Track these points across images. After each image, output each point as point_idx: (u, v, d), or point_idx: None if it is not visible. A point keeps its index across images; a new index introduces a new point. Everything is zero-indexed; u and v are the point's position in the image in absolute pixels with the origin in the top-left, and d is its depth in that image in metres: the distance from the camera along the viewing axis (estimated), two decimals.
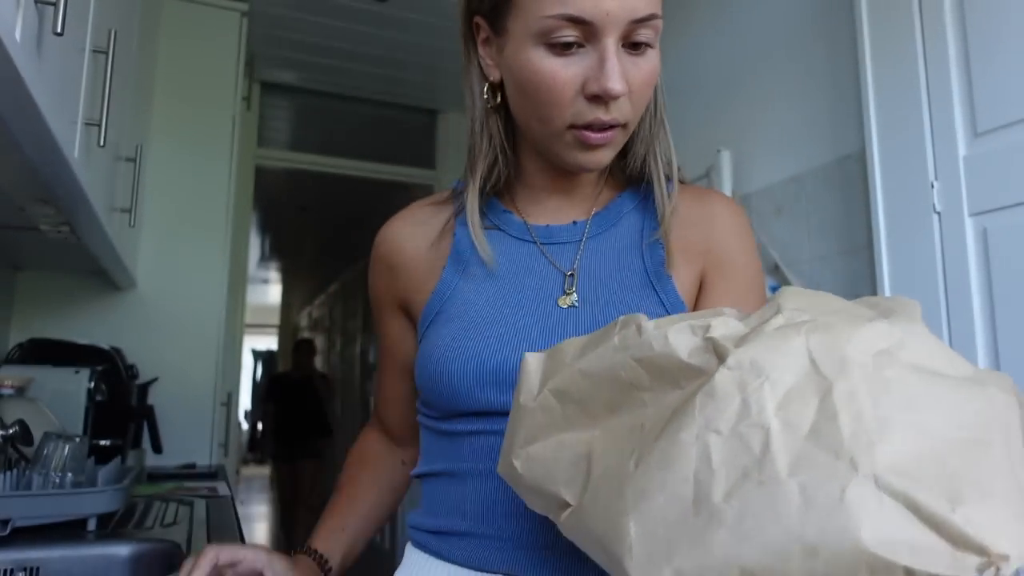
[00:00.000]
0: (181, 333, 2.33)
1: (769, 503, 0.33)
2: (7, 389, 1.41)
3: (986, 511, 0.31)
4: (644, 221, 0.72)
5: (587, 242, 0.71)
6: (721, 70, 1.99)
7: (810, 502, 0.32)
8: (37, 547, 1.09)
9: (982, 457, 0.33)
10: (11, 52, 0.67)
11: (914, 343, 0.38)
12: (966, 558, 0.30)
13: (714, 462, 0.35)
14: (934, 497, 0.31)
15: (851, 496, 0.32)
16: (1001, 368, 1.18)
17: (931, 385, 0.35)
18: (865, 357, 0.36)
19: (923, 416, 0.34)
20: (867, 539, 0.31)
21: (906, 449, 0.33)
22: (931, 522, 0.31)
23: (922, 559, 0.31)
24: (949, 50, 1.31)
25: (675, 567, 0.34)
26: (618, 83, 0.60)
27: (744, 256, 0.72)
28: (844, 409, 0.34)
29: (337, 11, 2.71)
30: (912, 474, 0.32)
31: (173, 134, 2.40)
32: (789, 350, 0.36)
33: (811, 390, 0.35)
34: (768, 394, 0.35)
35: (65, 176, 1.06)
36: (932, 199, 1.31)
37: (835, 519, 0.32)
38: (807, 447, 0.33)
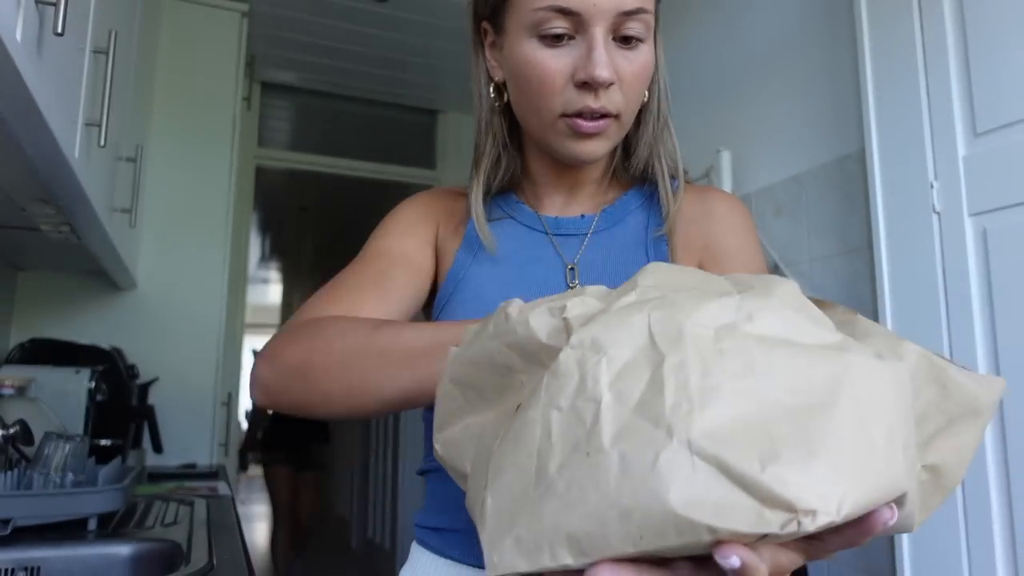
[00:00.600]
0: (181, 333, 2.33)
1: (592, 472, 0.34)
2: (8, 389, 1.41)
3: (803, 470, 0.31)
4: (649, 219, 0.74)
5: (593, 236, 0.73)
6: (721, 70, 2.00)
7: (627, 469, 0.33)
8: (38, 547, 1.09)
9: (816, 419, 0.33)
10: (12, 52, 0.67)
11: (766, 316, 0.38)
12: (772, 514, 0.31)
13: (553, 436, 0.36)
14: (746, 458, 0.32)
15: (663, 461, 0.32)
16: (1001, 368, 1.18)
17: (772, 353, 0.35)
18: (705, 331, 0.36)
19: (756, 382, 0.34)
20: (674, 500, 0.32)
21: (728, 414, 0.33)
22: (740, 482, 0.31)
23: (726, 518, 0.31)
24: (949, 50, 1.31)
25: (515, 536, 0.36)
26: (605, 70, 0.62)
27: (743, 251, 0.72)
28: (671, 380, 0.35)
29: (337, 11, 2.72)
30: (728, 439, 0.33)
31: (173, 134, 2.40)
32: (630, 326, 0.37)
33: (645, 364, 0.36)
34: (604, 369, 0.36)
35: (65, 176, 1.06)
36: (932, 199, 1.31)
37: (647, 483, 0.32)
38: (632, 418, 0.34)
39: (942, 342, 1.26)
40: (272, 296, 9.40)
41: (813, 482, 0.31)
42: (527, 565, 0.36)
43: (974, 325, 1.22)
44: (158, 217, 2.34)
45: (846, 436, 0.33)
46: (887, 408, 0.35)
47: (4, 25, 0.64)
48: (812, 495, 0.31)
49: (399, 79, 3.29)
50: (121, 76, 1.40)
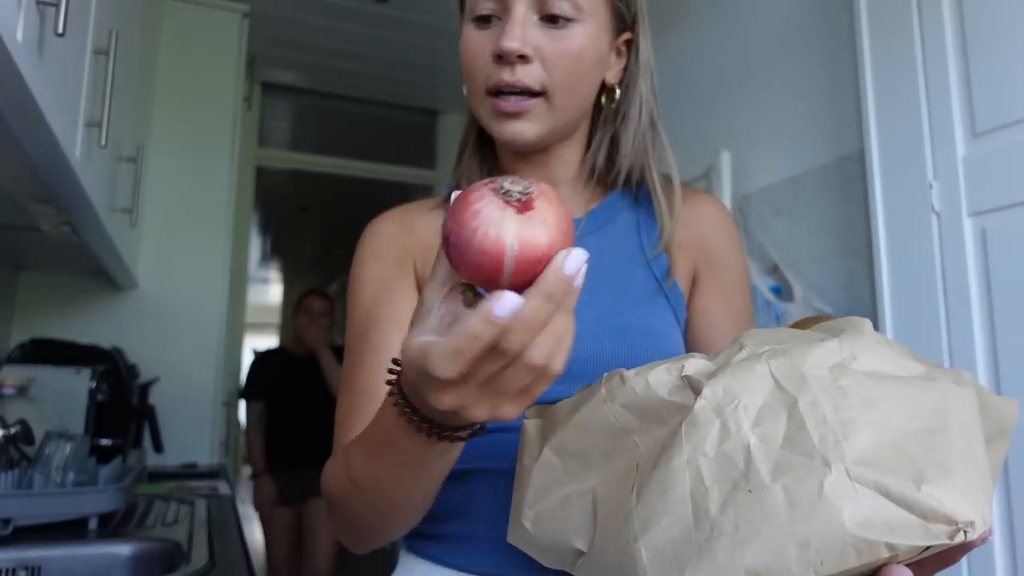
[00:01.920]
0: (182, 333, 2.34)
1: (759, 508, 0.37)
2: (9, 389, 1.41)
3: (947, 487, 0.35)
4: (639, 220, 0.74)
5: (583, 237, 0.72)
6: (721, 70, 2.00)
7: (794, 500, 0.36)
8: (39, 546, 1.09)
9: (939, 441, 0.37)
10: (13, 53, 0.67)
11: (865, 354, 0.42)
12: (937, 528, 0.34)
13: (706, 480, 0.39)
14: (901, 480, 0.35)
15: (828, 489, 0.36)
16: (1000, 368, 1.18)
17: (885, 386, 0.40)
18: (822, 372, 0.40)
19: (881, 413, 0.38)
20: (849, 523, 0.35)
21: (870, 443, 0.37)
22: (902, 502, 0.35)
23: (899, 534, 0.34)
24: (948, 50, 1.31)
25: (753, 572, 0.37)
26: (514, 42, 0.62)
27: (732, 255, 0.74)
28: (810, 417, 0.38)
29: (337, 12, 2.72)
30: (878, 463, 0.36)
31: (174, 134, 2.40)
32: (755, 375, 0.41)
33: (779, 406, 0.39)
34: (743, 415, 0.40)
35: (66, 176, 1.07)
36: (931, 199, 1.31)
37: (818, 511, 0.35)
38: (784, 454, 0.38)
39: (941, 342, 1.27)
40: (272, 296, 9.40)
41: (959, 498, 0.35)
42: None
43: (973, 325, 1.23)
44: (159, 217, 2.34)
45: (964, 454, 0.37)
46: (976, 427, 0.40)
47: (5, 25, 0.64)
48: (967, 508, 0.35)
49: (399, 79, 3.29)
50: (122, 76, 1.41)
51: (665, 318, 0.70)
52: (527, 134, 0.66)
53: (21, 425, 1.29)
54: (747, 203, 1.82)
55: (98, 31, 1.13)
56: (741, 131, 1.89)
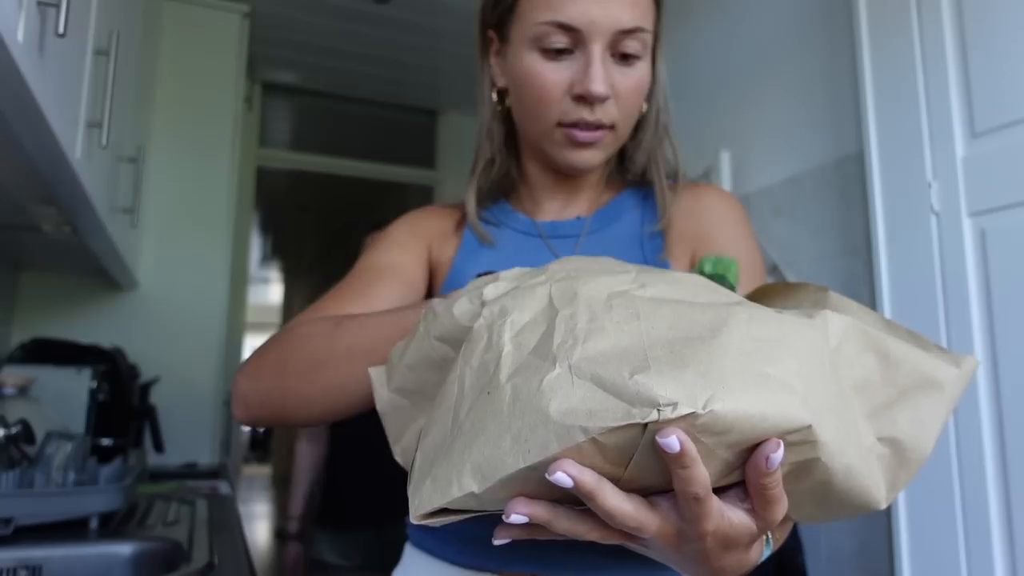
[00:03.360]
0: (183, 333, 2.34)
1: (490, 406, 0.39)
2: (10, 389, 1.41)
3: (670, 376, 0.35)
4: (644, 216, 0.76)
5: (587, 235, 0.74)
6: (720, 71, 2.00)
7: (517, 396, 0.38)
8: (39, 546, 1.10)
9: (694, 346, 0.36)
10: (13, 53, 0.67)
11: (659, 285, 0.42)
12: (638, 411, 0.34)
13: (466, 389, 0.41)
14: (618, 372, 0.35)
15: (546, 383, 0.37)
16: (999, 368, 1.18)
17: (661, 306, 0.39)
18: (598, 294, 0.41)
19: (641, 324, 0.38)
20: (553, 412, 0.36)
21: (609, 344, 0.37)
22: (612, 390, 0.35)
23: (597, 418, 0.35)
24: (947, 51, 1.31)
25: (432, 476, 0.40)
26: (600, 85, 0.64)
27: (735, 243, 0.73)
28: (561, 326, 0.39)
29: (338, 12, 2.72)
30: (605, 360, 0.36)
31: (175, 135, 2.40)
32: (534, 296, 0.43)
33: (542, 320, 0.41)
34: (507, 327, 0.41)
35: (67, 177, 1.07)
36: (930, 200, 1.32)
37: (531, 403, 0.37)
38: (527, 359, 0.39)
39: (940, 342, 1.27)
40: (273, 296, 9.41)
41: (679, 385, 0.34)
42: (440, 499, 0.39)
43: (972, 325, 1.23)
44: (159, 217, 2.34)
45: (724, 357, 0.36)
46: (784, 349, 0.37)
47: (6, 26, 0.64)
48: (677, 393, 0.34)
49: (399, 79, 3.30)
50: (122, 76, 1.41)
51: None
52: (594, 162, 0.70)
53: (22, 425, 1.29)
54: (747, 203, 1.82)
55: (98, 31, 1.13)
56: (741, 131, 1.89)
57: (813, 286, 0.49)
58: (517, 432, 0.37)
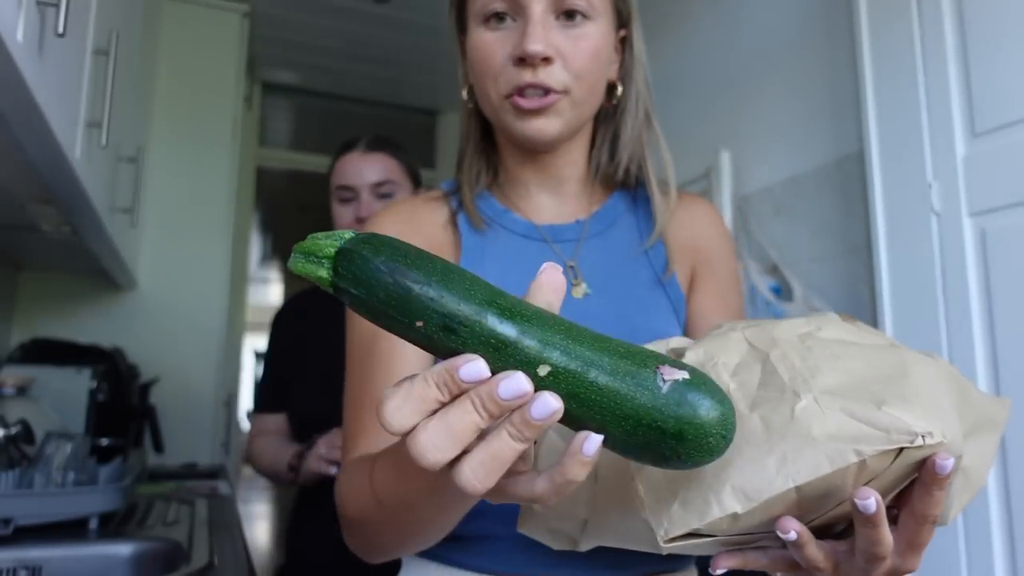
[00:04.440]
0: (182, 333, 2.34)
1: (740, 434, 0.41)
2: (9, 389, 1.41)
3: (906, 409, 0.39)
4: (639, 222, 0.76)
5: (588, 238, 0.73)
6: (720, 70, 2.00)
7: (769, 425, 0.41)
8: (39, 546, 1.09)
9: (899, 383, 0.41)
10: (13, 53, 0.67)
11: (832, 328, 0.47)
12: (899, 436, 0.38)
13: None
14: (863, 404, 0.40)
15: (799, 412, 0.40)
16: (999, 368, 1.18)
17: (848, 348, 0.44)
18: (791, 336, 0.46)
19: (844, 364, 0.43)
20: (819, 435, 0.39)
21: (835, 381, 0.42)
22: (864, 420, 0.39)
23: (864, 442, 0.38)
24: (948, 50, 1.31)
25: (680, 500, 0.42)
26: (537, 44, 0.62)
27: (726, 256, 0.77)
28: (780, 365, 0.43)
29: (338, 12, 2.72)
30: (843, 394, 0.41)
31: (174, 134, 2.40)
32: (731, 341, 0.47)
33: (753, 361, 0.45)
34: (722, 369, 0.45)
35: (66, 176, 1.07)
36: (931, 199, 1.31)
37: (791, 429, 0.40)
38: (759, 393, 0.43)
39: (940, 342, 1.27)
40: (273, 296, 9.40)
41: (918, 415, 0.39)
42: (697, 521, 0.41)
43: (972, 325, 1.23)
44: (159, 217, 2.34)
45: (924, 394, 0.41)
46: (942, 387, 0.43)
47: (5, 26, 0.64)
48: (924, 422, 0.39)
49: (399, 79, 3.29)
50: (122, 76, 1.41)
51: (667, 319, 0.71)
52: (549, 130, 0.66)
53: (21, 425, 1.29)
54: (747, 203, 1.82)
55: (98, 31, 1.13)
56: (741, 131, 1.89)
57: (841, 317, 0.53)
58: (781, 455, 0.39)
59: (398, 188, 1.45)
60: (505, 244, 0.72)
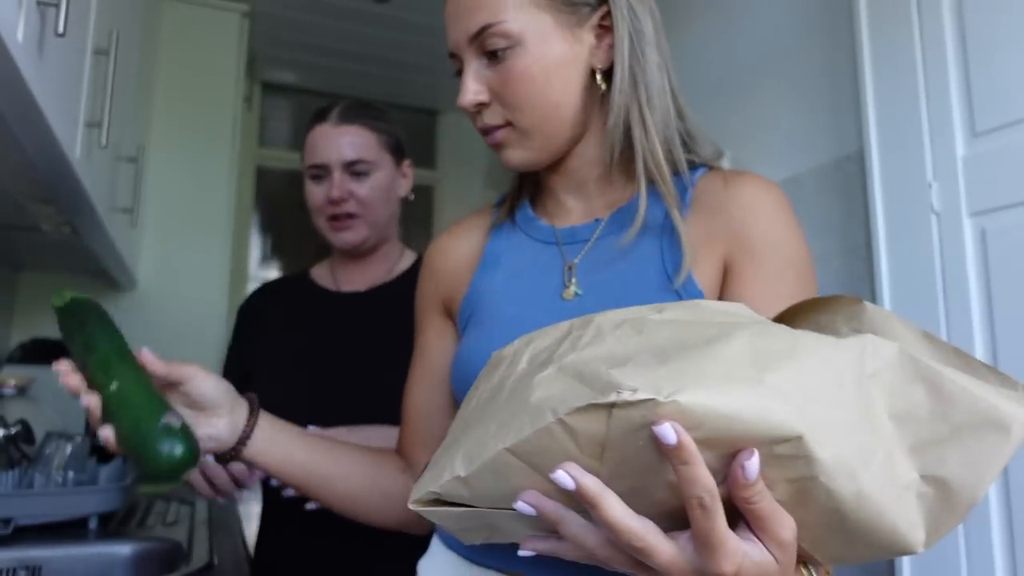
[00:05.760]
0: (182, 333, 2.33)
1: (490, 406, 0.44)
2: (9, 389, 1.41)
3: (644, 371, 0.36)
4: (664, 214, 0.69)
5: (602, 237, 0.71)
6: (720, 71, 2.00)
7: (512, 395, 0.42)
8: (39, 546, 1.09)
9: (686, 351, 0.38)
10: (13, 53, 0.67)
11: (676, 310, 0.44)
12: (602, 395, 0.36)
13: (479, 402, 0.47)
14: (598, 368, 0.38)
15: (537, 380, 0.41)
16: (999, 368, 1.18)
17: (668, 325, 0.42)
18: (613, 319, 0.44)
19: (641, 337, 0.40)
20: (533, 400, 0.39)
21: (603, 351, 0.40)
22: (586, 380, 0.38)
23: (567, 402, 0.37)
24: (947, 50, 1.31)
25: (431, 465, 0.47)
26: (464, 98, 0.69)
27: (775, 238, 0.66)
28: (566, 343, 0.43)
29: (338, 12, 2.72)
30: (590, 360, 0.39)
31: (174, 134, 2.40)
32: (558, 328, 0.47)
33: (555, 343, 0.44)
34: (528, 351, 0.46)
35: (66, 176, 1.07)
36: (930, 199, 1.31)
37: (520, 396, 0.41)
38: (531, 368, 0.43)
39: None
40: None
41: (650, 378, 0.36)
42: (433, 484, 0.43)
43: (973, 325, 1.23)
44: (159, 217, 2.34)
45: (711, 361, 0.37)
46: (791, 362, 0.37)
47: (5, 26, 0.64)
48: (643, 383, 0.36)
49: (399, 79, 3.29)
50: (122, 76, 1.41)
51: None
52: (513, 160, 0.71)
53: (21, 425, 1.29)
54: None
55: (98, 31, 1.13)
56: (740, 131, 1.89)
57: (847, 298, 0.46)
58: (502, 420, 0.41)
59: (374, 167, 1.32)
60: (520, 251, 0.76)
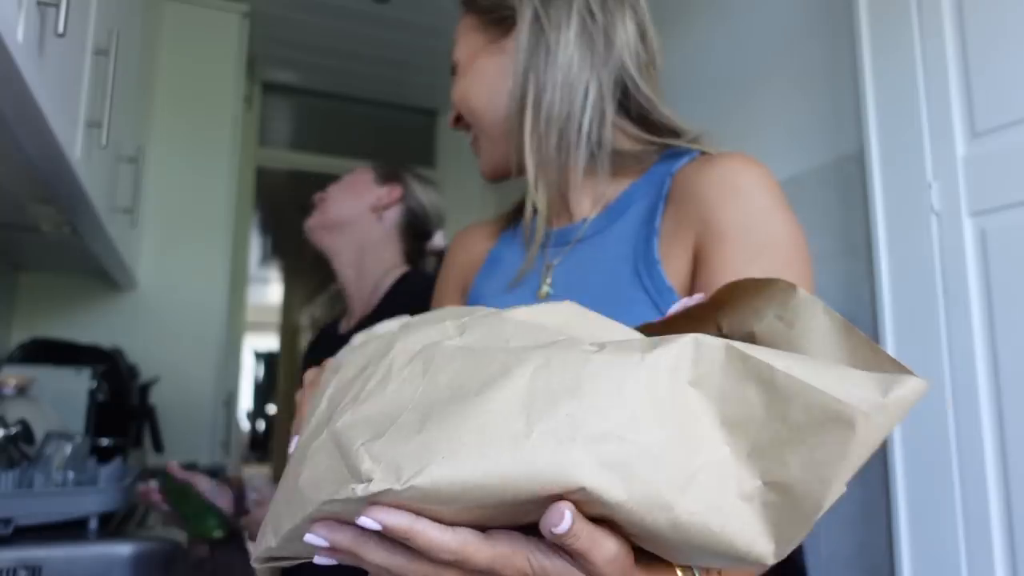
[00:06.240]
0: (182, 333, 2.33)
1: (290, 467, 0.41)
2: (9, 389, 1.41)
3: (394, 446, 0.34)
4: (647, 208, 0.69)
5: (587, 237, 0.72)
6: (720, 71, 2.00)
7: (301, 459, 0.39)
8: (39, 546, 1.09)
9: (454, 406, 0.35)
10: (13, 53, 0.67)
11: (477, 330, 0.41)
12: (351, 484, 0.34)
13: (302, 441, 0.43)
14: (354, 440, 0.36)
15: (312, 449, 0.38)
16: (999, 369, 1.18)
17: (456, 358, 0.38)
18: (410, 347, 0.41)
19: (424, 382, 0.38)
20: (301, 481, 0.37)
21: (374, 410, 0.37)
22: (346, 458, 0.35)
23: (321, 489, 0.36)
24: (948, 50, 1.31)
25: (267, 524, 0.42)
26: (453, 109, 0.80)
27: (744, 220, 0.61)
28: (357, 385, 0.40)
29: (338, 12, 2.72)
30: (357, 426, 0.37)
31: (174, 134, 2.40)
32: (364, 352, 0.44)
33: (348, 382, 0.42)
34: (332, 384, 0.43)
35: (66, 176, 1.07)
36: (930, 199, 1.31)
37: (297, 469, 0.39)
38: (322, 419, 0.41)
39: (940, 342, 1.27)
40: (273, 296, 9.40)
41: (392, 456, 0.34)
42: (256, 551, 0.42)
43: (973, 325, 1.23)
44: (159, 217, 2.34)
45: (473, 419, 0.34)
46: (577, 398, 0.34)
47: (5, 26, 0.64)
48: (381, 467, 0.33)
49: (399, 79, 3.29)
50: (122, 76, 1.41)
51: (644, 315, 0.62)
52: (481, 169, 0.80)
53: (21, 425, 1.29)
54: None
55: (98, 31, 1.13)
56: (740, 131, 1.89)
57: (782, 283, 0.42)
58: (289, 495, 0.39)
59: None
60: (517, 254, 0.78)
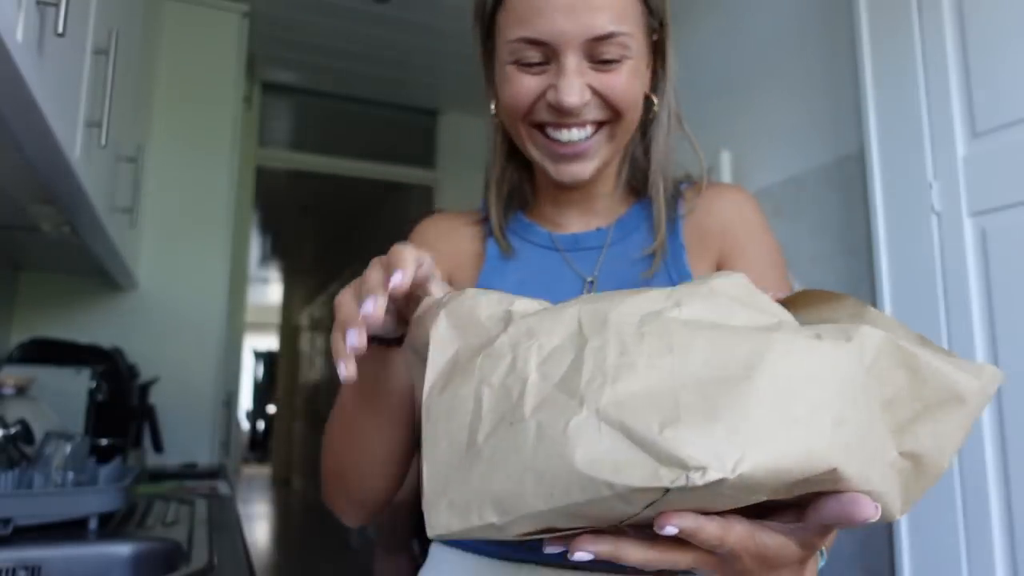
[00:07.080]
0: (182, 333, 2.33)
1: (513, 440, 0.38)
2: (9, 389, 1.41)
3: (701, 433, 0.34)
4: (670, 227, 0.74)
5: (610, 247, 0.73)
6: (721, 70, 2.00)
7: (542, 436, 0.37)
8: (38, 546, 1.09)
9: (726, 390, 0.36)
10: (12, 52, 0.67)
11: (695, 303, 0.41)
12: (666, 471, 0.34)
13: (484, 410, 0.41)
14: (647, 423, 0.35)
15: (572, 426, 0.36)
16: (999, 368, 1.18)
17: (696, 334, 0.38)
18: (629, 318, 0.40)
19: (674, 359, 0.38)
20: (579, 461, 0.35)
21: (639, 386, 0.37)
22: (641, 444, 0.35)
23: (622, 474, 0.34)
24: (948, 50, 1.31)
25: (448, 499, 0.40)
26: (573, 96, 0.63)
27: (759, 237, 0.73)
28: (589, 360, 0.39)
29: (338, 12, 2.72)
30: (634, 407, 0.36)
31: (174, 134, 2.40)
32: (562, 318, 0.42)
33: (571, 348, 0.40)
34: (534, 352, 0.41)
35: (66, 176, 1.07)
36: (931, 199, 1.31)
37: (557, 446, 0.36)
38: (553, 392, 0.39)
39: (941, 342, 1.26)
40: (273, 296, 9.41)
41: (710, 443, 0.34)
42: (459, 524, 0.40)
43: (973, 325, 1.23)
44: (159, 217, 2.34)
45: (756, 405, 0.35)
46: (817, 384, 0.36)
47: (5, 25, 0.64)
48: (706, 454, 0.33)
49: (399, 79, 3.29)
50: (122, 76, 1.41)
51: None
52: (584, 174, 0.68)
53: (21, 425, 1.29)
54: None
55: (98, 31, 1.13)
56: (741, 131, 1.89)
57: (852, 300, 0.48)
58: (540, 473, 0.37)
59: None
60: (527, 257, 0.75)
